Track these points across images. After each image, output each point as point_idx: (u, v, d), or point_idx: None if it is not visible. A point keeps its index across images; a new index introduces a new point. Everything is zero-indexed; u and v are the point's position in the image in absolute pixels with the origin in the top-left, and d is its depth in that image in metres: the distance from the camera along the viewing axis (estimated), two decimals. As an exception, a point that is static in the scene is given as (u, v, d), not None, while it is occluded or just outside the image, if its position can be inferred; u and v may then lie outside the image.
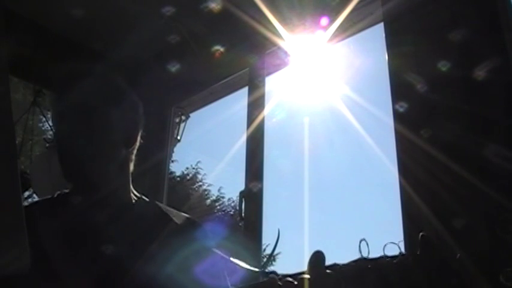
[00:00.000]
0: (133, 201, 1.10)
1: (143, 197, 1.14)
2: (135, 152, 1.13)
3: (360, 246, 0.80)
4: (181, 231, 1.06)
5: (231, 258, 0.93)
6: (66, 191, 1.11)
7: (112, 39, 2.33)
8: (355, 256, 0.80)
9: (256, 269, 0.88)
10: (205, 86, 2.43)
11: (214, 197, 12.13)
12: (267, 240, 1.93)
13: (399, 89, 1.54)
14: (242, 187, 2.01)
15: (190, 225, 1.10)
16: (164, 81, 2.43)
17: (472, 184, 1.23)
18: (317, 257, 0.83)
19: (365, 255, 0.79)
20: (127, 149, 1.10)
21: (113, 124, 1.07)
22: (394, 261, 0.76)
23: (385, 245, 0.78)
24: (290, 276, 0.85)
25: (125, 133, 1.09)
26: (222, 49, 2.22)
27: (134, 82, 2.54)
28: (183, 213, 1.15)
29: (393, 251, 0.79)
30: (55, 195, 1.12)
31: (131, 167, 1.12)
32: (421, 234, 0.75)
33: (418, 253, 0.75)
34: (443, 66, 1.41)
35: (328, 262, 0.82)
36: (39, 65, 2.37)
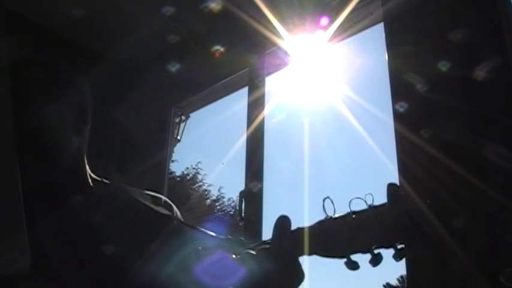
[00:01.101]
0: (91, 184, 1.03)
1: (104, 180, 1.07)
2: (88, 133, 1.03)
3: (323, 205, 0.81)
4: (180, 230, 1.05)
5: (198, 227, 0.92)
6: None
7: (112, 39, 2.33)
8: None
9: (223, 237, 0.88)
10: (205, 86, 2.43)
11: (214, 197, 12.15)
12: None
13: (399, 89, 1.54)
14: (242, 187, 2.01)
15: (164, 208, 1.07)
16: (164, 81, 2.43)
17: (472, 184, 1.23)
18: (281, 222, 0.84)
19: (330, 214, 0.79)
20: (79, 136, 1.00)
21: (57, 114, 0.96)
22: (363, 216, 0.76)
23: (351, 201, 0.78)
24: (256, 243, 0.86)
25: (73, 120, 0.98)
26: (222, 49, 2.22)
27: (134, 82, 2.55)
28: (148, 192, 1.10)
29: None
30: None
31: (86, 151, 1.03)
32: (388, 183, 0.75)
33: (386, 205, 0.75)
34: (444, 66, 1.41)
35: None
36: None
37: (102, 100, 1.06)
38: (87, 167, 1.04)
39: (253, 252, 0.84)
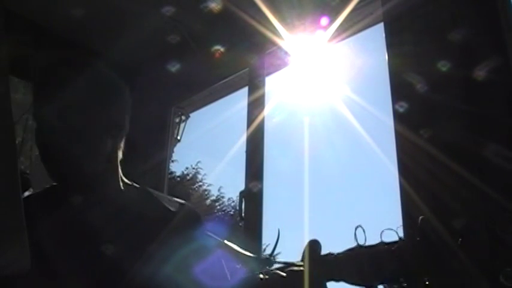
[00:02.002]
0: (122, 188, 1.07)
1: (134, 184, 1.11)
2: (123, 139, 1.08)
3: (355, 234, 0.81)
4: (182, 228, 1.05)
5: (226, 242, 0.93)
6: (55, 184, 1.07)
7: (112, 39, 2.32)
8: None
9: (252, 255, 0.89)
10: (205, 86, 2.43)
11: (214, 197, 12.14)
12: (267, 240, 1.93)
13: (399, 89, 1.54)
14: (242, 187, 2.01)
15: (188, 216, 1.08)
16: (164, 81, 2.43)
17: (472, 184, 1.23)
18: (311, 246, 0.84)
19: (361, 242, 0.79)
20: (114, 139, 1.05)
21: (95, 116, 1.01)
22: (393, 248, 0.76)
23: (382, 231, 0.78)
24: (285, 263, 0.85)
25: (110, 123, 1.03)
26: (222, 49, 2.22)
27: (134, 82, 2.55)
28: (176, 199, 1.12)
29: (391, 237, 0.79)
30: (47, 189, 1.09)
31: (120, 155, 1.07)
32: (421, 217, 0.75)
33: (418, 238, 0.75)
34: (444, 66, 1.41)
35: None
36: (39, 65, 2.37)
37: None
38: (120, 170, 1.08)
39: (282, 273, 0.84)
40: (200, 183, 12.07)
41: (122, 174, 1.09)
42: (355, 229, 0.80)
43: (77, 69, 1.05)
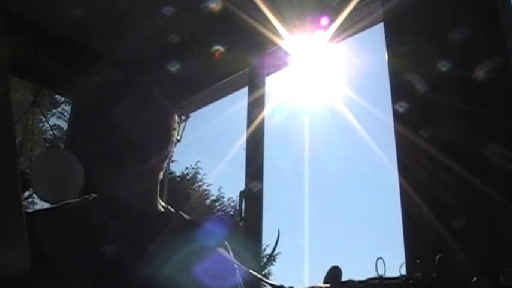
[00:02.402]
0: (161, 211, 1.08)
1: (169, 208, 1.12)
2: (167, 160, 1.10)
3: (376, 264, 0.81)
4: (182, 230, 1.05)
5: (251, 271, 0.93)
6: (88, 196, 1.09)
7: (112, 39, 2.32)
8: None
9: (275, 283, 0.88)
10: (205, 86, 2.43)
11: (214, 197, 12.14)
12: (267, 240, 1.93)
13: (399, 89, 1.54)
14: (242, 187, 2.01)
15: (195, 226, 1.09)
16: (164, 81, 2.42)
17: (472, 184, 1.23)
18: (334, 272, 0.85)
19: (381, 273, 0.79)
20: (156, 157, 1.06)
21: (139, 134, 1.03)
22: (411, 281, 0.76)
23: (402, 265, 0.79)
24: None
25: (153, 142, 1.05)
26: (222, 49, 2.22)
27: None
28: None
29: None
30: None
31: (160, 175, 1.09)
32: (438, 256, 0.75)
33: (434, 275, 0.75)
34: (443, 66, 1.41)
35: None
36: (39, 65, 2.37)
37: (102, 100, 1.08)
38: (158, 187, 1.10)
39: None
40: (200, 183, 12.07)
41: (159, 199, 1.10)
42: (376, 260, 0.80)
43: (123, 88, 1.09)
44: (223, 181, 12.03)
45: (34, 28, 2.27)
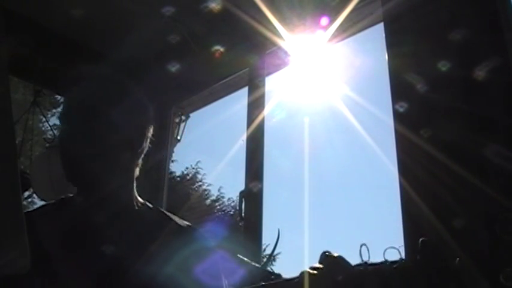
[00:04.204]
0: (137, 207, 1.09)
1: (147, 203, 1.13)
2: (141, 156, 1.11)
3: (360, 251, 0.81)
4: (182, 232, 1.05)
5: (239, 256, 0.93)
6: (71, 195, 1.10)
7: (112, 39, 2.33)
8: (355, 255, 0.81)
9: (259, 266, 0.88)
10: (205, 86, 2.43)
11: (214, 197, 12.14)
12: (267, 240, 1.93)
13: (399, 89, 1.54)
14: (242, 187, 2.01)
15: (190, 229, 1.09)
16: (164, 81, 2.42)
17: (472, 184, 1.23)
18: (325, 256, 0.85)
19: (365, 259, 0.79)
20: (132, 152, 1.08)
21: (115, 126, 1.05)
22: (395, 266, 0.76)
23: (386, 250, 0.79)
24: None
25: (128, 136, 1.07)
26: (222, 49, 2.22)
27: (134, 82, 2.54)
28: (185, 222, 1.14)
29: (393, 255, 0.80)
30: (59, 199, 1.12)
31: (136, 171, 1.10)
32: (421, 239, 0.76)
33: (418, 258, 0.76)
34: (443, 66, 1.41)
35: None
36: (39, 65, 2.37)
37: (101, 100, 1.08)
38: (135, 187, 1.10)
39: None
40: (200, 183, 12.07)
41: (136, 194, 1.10)
42: (360, 247, 0.81)
43: (102, 82, 1.08)
44: (223, 181, 12.03)
45: (34, 28, 2.27)
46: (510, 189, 1.20)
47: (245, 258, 0.96)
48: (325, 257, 0.85)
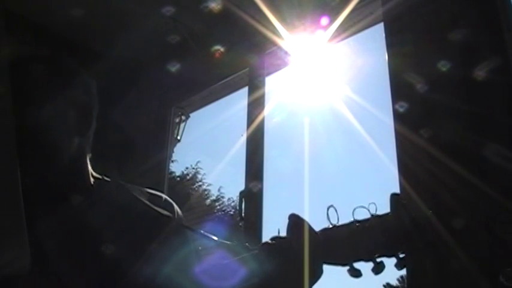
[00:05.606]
0: (92, 183, 1.02)
1: (104, 178, 1.06)
2: (91, 134, 1.02)
3: (327, 214, 0.82)
4: (180, 230, 1.05)
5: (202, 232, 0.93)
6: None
7: (112, 39, 2.33)
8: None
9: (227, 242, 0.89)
10: (205, 86, 2.43)
11: (214, 197, 12.14)
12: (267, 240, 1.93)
13: (399, 89, 1.54)
14: (242, 187, 2.01)
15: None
16: (164, 81, 2.43)
17: (472, 184, 1.23)
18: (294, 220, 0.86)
19: (334, 222, 0.81)
20: (81, 137, 0.98)
21: (60, 114, 0.95)
22: (366, 224, 0.77)
23: (354, 209, 0.80)
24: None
25: (76, 121, 0.97)
26: (222, 49, 2.22)
27: (134, 82, 2.55)
28: (147, 190, 1.08)
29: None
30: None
31: (88, 151, 1.02)
32: (391, 193, 0.77)
33: (388, 214, 0.77)
34: (443, 66, 1.41)
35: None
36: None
37: (101, 100, 1.06)
38: (89, 167, 1.04)
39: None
40: (200, 183, 12.07)
41: (91, 169, 1.03)
42: (327, 209, 0.82)
43: (40, 65, 0.97)
44: (223, 181, 12.03)
45: (34, 28, 2.27)
46: (510, 189, 1.20)
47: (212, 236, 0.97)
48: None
